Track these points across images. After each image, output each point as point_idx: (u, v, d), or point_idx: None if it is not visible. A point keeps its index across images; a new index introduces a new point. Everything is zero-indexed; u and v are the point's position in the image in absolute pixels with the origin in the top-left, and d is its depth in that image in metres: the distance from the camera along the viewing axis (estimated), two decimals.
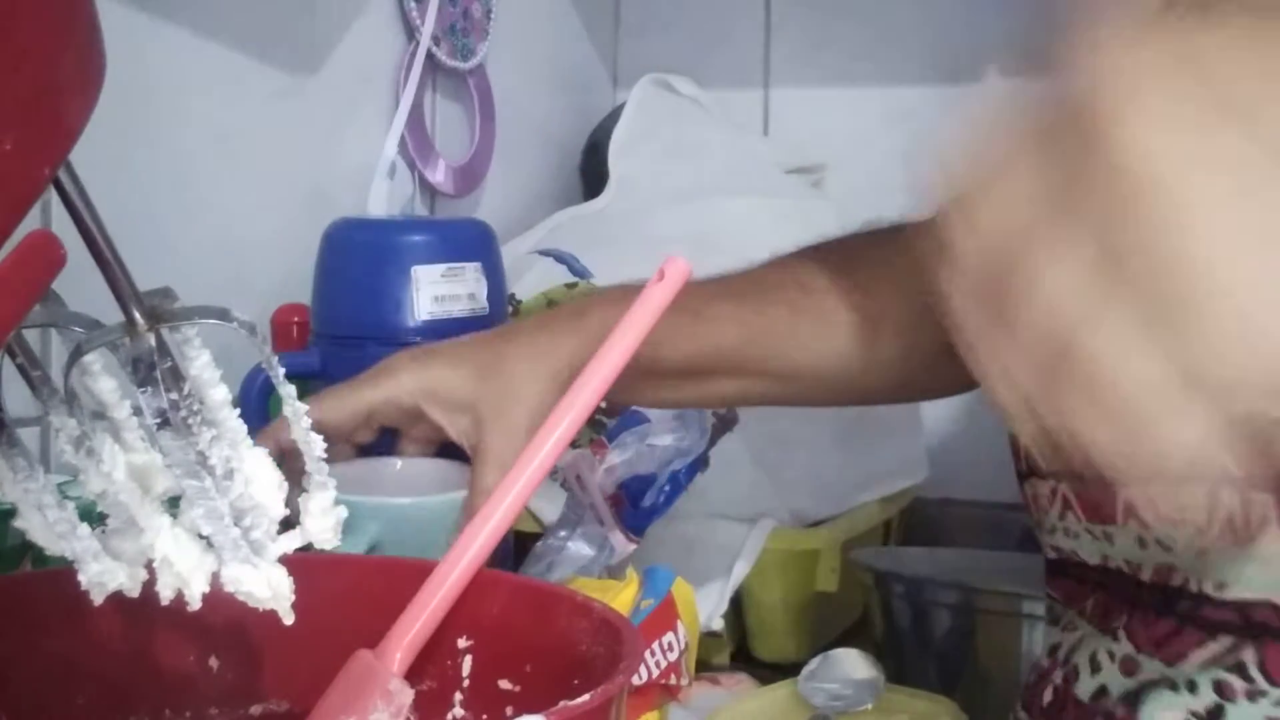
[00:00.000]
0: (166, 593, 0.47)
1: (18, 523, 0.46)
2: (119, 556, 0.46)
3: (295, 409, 0.47)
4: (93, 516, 0.46)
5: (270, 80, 1.03)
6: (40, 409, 0.45)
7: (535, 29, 1.41)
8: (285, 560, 0.47)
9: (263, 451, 0.46)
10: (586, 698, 0.44)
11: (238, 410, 0.45)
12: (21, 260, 0.37)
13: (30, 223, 0.36)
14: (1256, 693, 0.57)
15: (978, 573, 0.99)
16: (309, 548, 0.49)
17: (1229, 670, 0.58)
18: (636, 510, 0.89)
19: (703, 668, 0.86)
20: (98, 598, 0.46)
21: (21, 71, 0.35)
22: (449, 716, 0.57)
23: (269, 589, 0.46)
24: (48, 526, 0.45)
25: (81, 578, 0.46)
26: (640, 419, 0.90)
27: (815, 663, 0.85)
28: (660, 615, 0.74)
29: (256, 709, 0.59)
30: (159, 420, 0.43)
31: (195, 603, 0.47)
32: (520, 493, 0.58)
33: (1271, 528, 0.56)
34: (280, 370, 0.46)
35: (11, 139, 0.35)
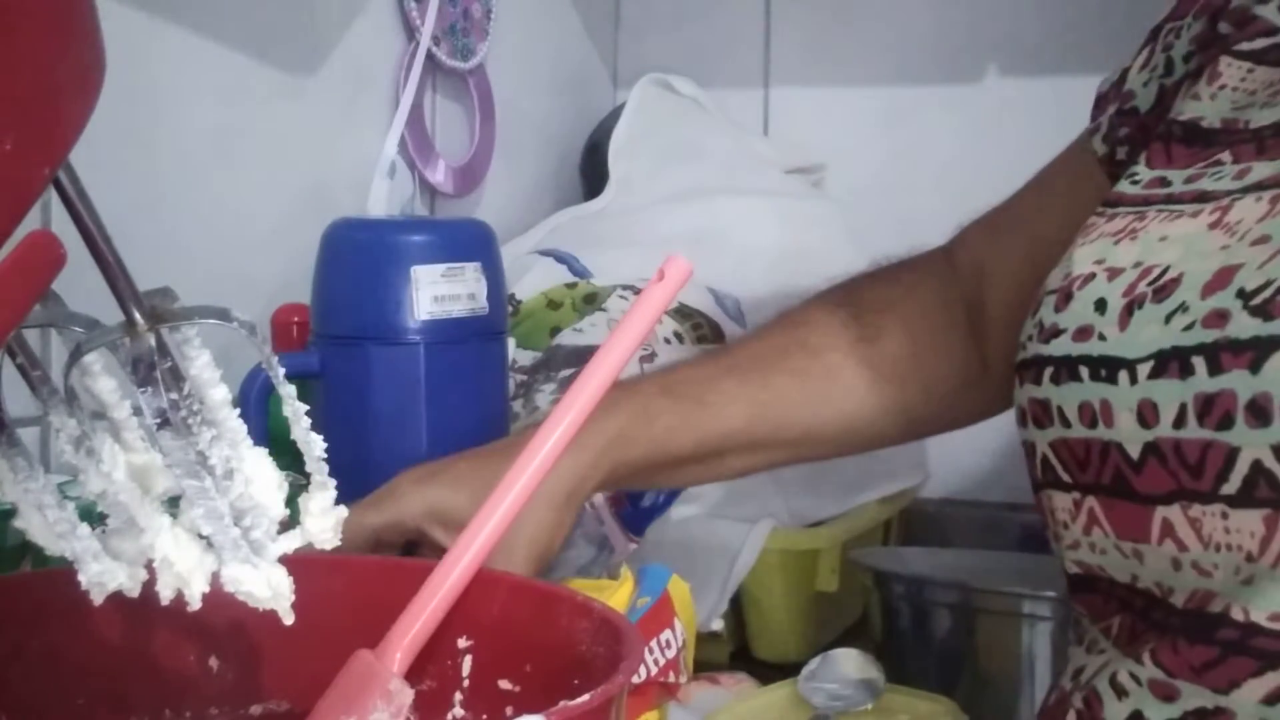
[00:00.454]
0: (166, 593, 0.47)
1: (18, 523, 0.46)
2: (119, 556, 0.46)
3: (295, 409, 0.47)
4: (93, 516, 0.46)
5: (270, 80, 1.03)
6: (40, 409, 0.45)
7: (535, 29, 1.41)
8: (285, 560, 0.47)
9: (263, 451, 0.46)
10: (586, 698, 0.44)
11: (238, 410, 0.45)
12: (21, 260, 0.37)
13: (30, 223, 0.36)
14: None
15: (978, 573, 0.99)
16: (309, 548, 0.49)
17: None
18: (636, 510, 0.88)
19: (702, 667, 0.85)
20: (98, 598, 0.47)
21: (21, 71, 0.35)
22: (449, 716, 0.57)
23: (269, 589, 0.46)
24: (48, 526, 0.45)
25: (81, 578, 0.46)
26: None
27: (815, 663, 0.86)
28: (657, 613, 0.74)
29: (256, 709, 0.59)
30: (159, 420, 0.43)
31: (195, 603, 0.47)
32: (521, 492, 0.58)
33: None
34: (280, 370, 0.46)
35: (11, 139, 0.34)
